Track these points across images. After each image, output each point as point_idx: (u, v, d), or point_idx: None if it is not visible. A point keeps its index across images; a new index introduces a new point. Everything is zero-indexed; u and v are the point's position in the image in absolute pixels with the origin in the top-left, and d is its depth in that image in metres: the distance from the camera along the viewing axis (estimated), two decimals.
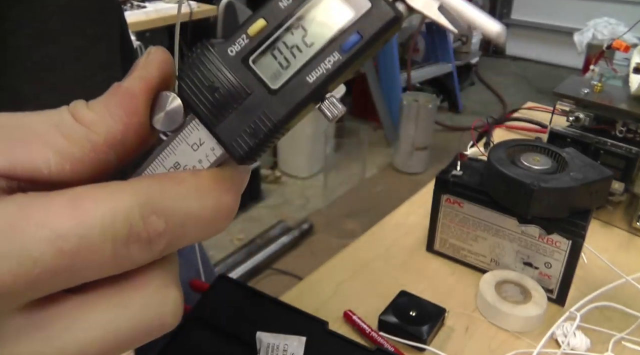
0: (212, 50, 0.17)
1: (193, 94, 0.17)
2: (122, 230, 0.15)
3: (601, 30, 1.46)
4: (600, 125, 0.77)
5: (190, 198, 0.17)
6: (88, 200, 0.15)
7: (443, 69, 3.17)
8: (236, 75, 0.17)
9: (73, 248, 0.15)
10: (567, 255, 0.61)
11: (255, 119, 0.17)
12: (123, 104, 0.17)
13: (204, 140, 0.18)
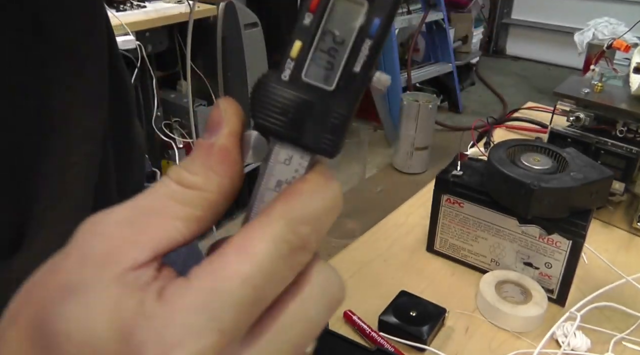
0: (270, 83, 0.20)
1: (271, 123, 0.20)
2: (285, 250, 0.18)
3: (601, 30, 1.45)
4: (601, 125, 0.77)
5: (314, 199, 0.19)
6: (250, 245, 0.18)
7: (443, 68, 3.17)
8: (297, 93, 0.20)
9: (261, 281, 0.18)
10: (567, 256, 0.61)
11: (329, 119, 0.20)
12: (224, 160, 0.20)
13: (291, 154, 0.21)
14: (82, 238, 0.18)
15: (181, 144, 1.97)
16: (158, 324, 0.17)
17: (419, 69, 3.15)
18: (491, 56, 4.31)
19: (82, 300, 0.17)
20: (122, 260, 0.18)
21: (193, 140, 1.99)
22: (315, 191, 0.19)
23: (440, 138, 2.82)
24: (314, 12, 0.19)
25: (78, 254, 0.18)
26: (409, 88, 2.94)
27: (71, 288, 0.17)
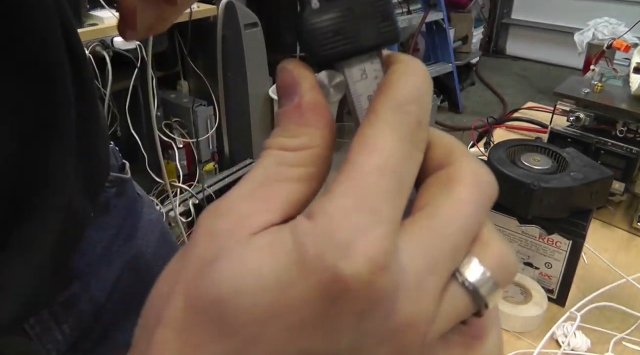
0: (308, 19, 0.20)
1: (333, 50, 0.20)
2: (404, 131, 0.18)
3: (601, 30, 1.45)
4: (601, 125, 0.77)
5: (407, 80, 0.19)
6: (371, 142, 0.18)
7: (443, 68, 3.17)
8: (335, 9, 0.20)
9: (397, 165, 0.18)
10: (567, 256, 0.61)
11: (373, 10, 0.20)
12: (318, 113, 0.20)
13: (363, 66, 0.21)
14: (206, 221, 0.18)
15: (181, 144, 1.97)
16: (324, 235, 0.16)
17: None
18: (491, 56, 4.30)
19: (232, 256, 0.17)
20: (253, 225, 0.17)
21: (193, 140, 1.99)
22: (403, 73, 0.20)
23: None
24: None
25: (206, 233, 0.18)
26: None
27: (212, 257, 0.17)
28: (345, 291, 0.16)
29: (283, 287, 0.16)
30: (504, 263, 0.19)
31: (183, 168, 1.98)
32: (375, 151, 0.18)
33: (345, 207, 0.17)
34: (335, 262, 0.16)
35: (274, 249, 0.16)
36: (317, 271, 0.16)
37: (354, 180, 0.17)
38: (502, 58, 4.31)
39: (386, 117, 0.18)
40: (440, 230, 0.18)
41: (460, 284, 0.18)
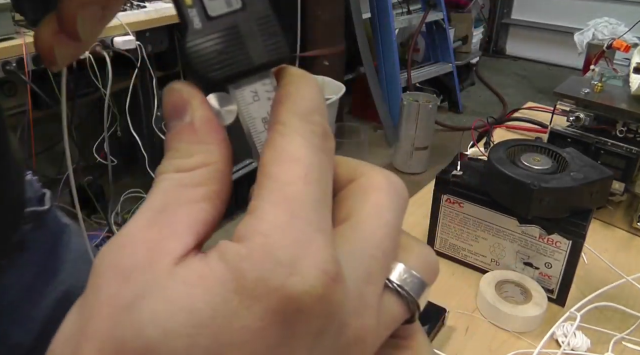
0: (191, 41, 0.19)
1: (219, 71, 0.19)
2: (316, 140, 0.18)
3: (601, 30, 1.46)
4: (601, 125, 0.77)
5: (304, 90, 0.19)
6: (287, 151, 0.17)
7: (443, 68, 3.17)
8: (218, 29, 0.19)
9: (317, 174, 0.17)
10: (567, 256, 0.61)
11: (258, 28, 0.20)
12: (211, 128, 0.19)
13: (254, 87, 0.20)
14: (106, 260, 0.16)
15: None
16: (263, 255, 0.15)
17: (419, 69, 3.15)
18: (491, 56, 4.30)
19: (153, 294, 0.15)
20: (168, 253, 0.16)
21: None
22: (298, 84, 0.19)
23: (440, 138, 2.83)
24: None
25: (110, 273, 0.16)
26: (409, 88, 2.94)
27: (128, 299, 0.15)
28: (298, 311, 0.15)
29: (224, 320, 0.14)
30: (427, 263, 0.19)
31: None
32: (294, 161, 0.17)
33: (278, 222, 0.16)
34: (283, 282, 0.15)
35: (203, 279, 0.15)
36: (263, 296, 0.14)
37: (279, 192, 0.16)
38: (502, 58, 4.31)
39: (295, 127, 0.18)
40: (370, 240, 0.18)
41: (392, 290, 0.18)
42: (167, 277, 0.15)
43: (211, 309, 0.14)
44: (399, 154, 2.63)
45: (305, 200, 0.16)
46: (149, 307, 0.15)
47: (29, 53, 1.36)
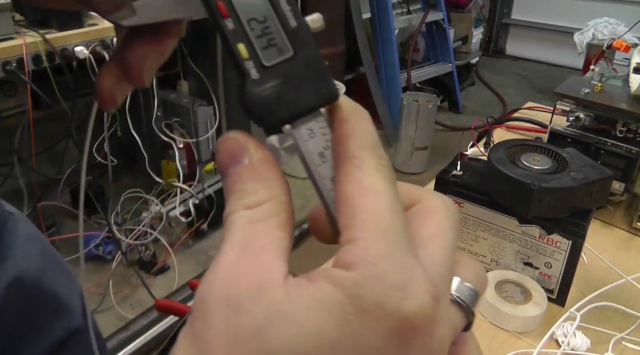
0: (249, 91, 0.21)
1: (278, 117, 0.21)
2: (387, 172, 0.20)
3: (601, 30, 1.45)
4: (601, 125, 0.77)
5: (364, 126, 0.21)
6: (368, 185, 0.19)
7: (443, 68, 3.17)
8: (274, 78, 0.21)
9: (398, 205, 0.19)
10: (567, 256, 0.61)
11: (310, 72, 0.21)
12: (270, 166, 0.21)
13: (309, 125, 0.22)
14: (211, 294, 0.17)
15: (181, 144, 1.97)
16: (376, 282, 0.17)
17: (419, 69, 3.15)
18: (491, 56, 4.30)
19: (279, 320, 0.16)
20: (272, 279, 0.17)
21: (193, 140, 1.99)
22: (358, 119, 0.21)
23: (440, 138, 2.82)
24: (228, 15, 0.21)
25: (221, 305, 0.17)
26: (409, 88, 2.94)
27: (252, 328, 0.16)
28: (413, 329, 0.17)
29: (351, 341, 0.16)
30: (478, 275, 0.22)
31: (183, 168, 1.98)
32: (378, 194, 0.19)
33: (381, 251, 0.17)
34: (398, 304, 0.17)
35: (322, 303, 0.16)
36: (383, 318, 0.16)
37: (374, 224, 0.18)
38: (502, 58, 4.31)
39: (369, 161, 0.20)
40: (437, 258, 0.19)
41: (454, 301, 0.20)
42: (284, 302, 0.16)
43: (338, 331, 0.16)
44: (399, 154, 2.63)
45: (396, 230, 0.18)
46: (277, 333, 0.16)
47: (29, 53, 1.36)
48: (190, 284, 0.60)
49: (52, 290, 0.47)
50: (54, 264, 0.48)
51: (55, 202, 1.77)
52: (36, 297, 0.45)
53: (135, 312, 1.60)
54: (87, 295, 1.44)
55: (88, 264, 1.78)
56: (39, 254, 0.47)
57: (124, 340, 1.43)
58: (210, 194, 1.90)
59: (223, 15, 0.21)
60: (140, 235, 1.78)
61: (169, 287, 1.71)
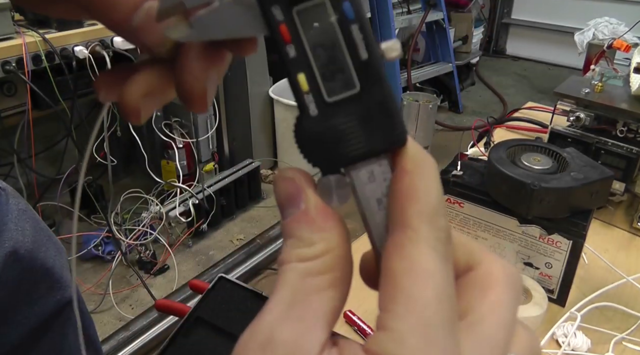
0: (306, 128, 0.19)
1: (336, 159, 0.19)
2: (441, 249, 0.18)
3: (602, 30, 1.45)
4: (601, 125, 0.77)
5: (428, 186, 0.19)
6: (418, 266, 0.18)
7: (443, 68, 3.16)
8: (334, 116, 0.19)
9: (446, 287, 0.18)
10: (567, 256, 0.61)
11: (377, 113, 0.19)
12: (327, 216, 0.19)
13: (370, 169, 0.20)
14: (248, 347, 0.18)
15: (181, 144, 1.97)
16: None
17: (419, 68, 3.15)
18: (491, 56, 4.30)
19: None
20: (306, 352, 0.17)
21: (193, 140, 1.99)
22: (422, 176, 0.19)
23: (440, 138, 2.82)
24: (291, 41, 0.19)
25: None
26: (409, 88, 2.94)
27: None
28: None
29: None
30: (533, 348, 0.20)
31: (183, 168, 1.98)
32: (427, 277, 0.18)
33: (417, 348, 0.17)
34: None
35: None
36: None
37: (415, 315, 0.17)
38: (502, 58, 4.31)
39: (425, 236, 0.18)
40: (491, 340, 0.19)
41: None
42: None
43: None
44: None
45: (440, 324, 0.17)
46: None
47: (29, 53, 1.36)
48: (190, 284, 0.60)
49: (45, 263, 0.47)
50: (46, 239, 0.49)
51: (55, 202, 1.77)
52: (31, 271, 0.46)
53: (135, 312, 1.59)
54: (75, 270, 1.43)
55: (88, 264, 1.78)
56: (32, 228, 0.47)
57: (124, 340, 1.43)
58: (210, 194, 1.90)
59: (285, 40, 0.19)
60: (140, 235, 1.78)
61: (169, 287, 1.71)
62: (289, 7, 0.18)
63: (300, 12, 0.18)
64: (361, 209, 0.20)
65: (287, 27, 0.18)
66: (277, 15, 0.18)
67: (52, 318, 0.48)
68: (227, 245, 1.94)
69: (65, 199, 1.84)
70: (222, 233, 2.01)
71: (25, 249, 0.45)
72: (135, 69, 0.21)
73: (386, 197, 0.20)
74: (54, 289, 0.48)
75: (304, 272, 0.18)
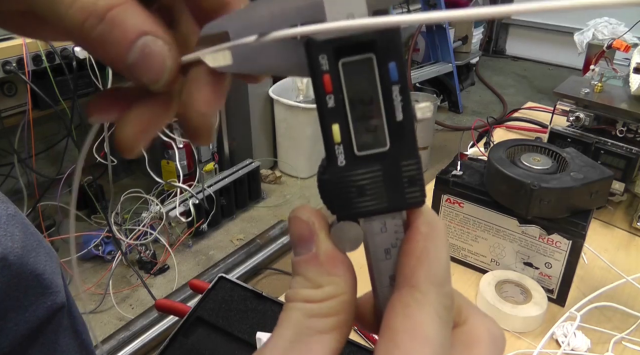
0: (333, 176, 0.19)
1: (356, 209, 0.20)
2: (445, 315, 0.19)
3: (601, 30, 1.45)
4: (601, 125, 0.77)
5: (440, 253, 0.20)
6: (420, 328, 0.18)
7: (443, 68, 3.16)
8: (361, 170, 0.19)
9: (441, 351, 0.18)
10: (567, 256, 0.61)
11: (402, 174, 0.20)
12: (337, 261, 0.20)
13: (384, 221, 0.20)
14: None
15: (181, 144, 1.97)
16: None
17: (419, 69, 3.15)
18: (491, 56, 4.30)
19: None
20: None
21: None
22: (434, 240, 0.20)
23: (440, 138, 2.82)
24: (332, 92, 0.19)
25: None
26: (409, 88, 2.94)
27: None
28: None
29: None
30: None
31: (183, 168, 1.98)
32: (426, 341, 0.18)
33: None
34: None
35: None
36: None
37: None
38: (502, 58, 4.31)
39: (431, 300, 0.19)
40: None
41: None
42: None
43: None
44: None
45: None
46: None
47: (29, 53, 1.36)
48: (190, 284, 0.60)
49: (35, 269, 0.47)
50: (36, 243, 0.49)
51: (55, 202, 1.77)
52: (20, 277, 0.45)
53: (135, 312, 1.60)
54: (67, 274, 1.43)
55: (88, 264, 1.78)
56: (22, 233, 0.47)
57: (124, 340, 1.43)
58: (210, 194, 1.90)
59: (327, 91, 0.19)
60: (140, 235, 1.78)
61: (169, 287, 1.71)
62: (336, 58, 0.18)
63: (346, 64, 0.18)
64: (368, 256, 0.21)
65: (331, 77, 0.18)
66: (322, 64, 0.18)
67: (44, 324, 0.48)
68: (227, 245, 1.94)
69: (66, 199, 1.84)
70: (222, 233, 2.01)
71: (14, 254, 0.45)
72: (127, 97, 0.21)
73: (395, 248, 0.20)
74: (44, 295, 0.48)
75: (308, 313, 0.19)
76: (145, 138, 0.21)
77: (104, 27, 0.18)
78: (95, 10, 0.18)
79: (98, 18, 0.18)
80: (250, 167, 2.09)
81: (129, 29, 0.19)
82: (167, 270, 1.79)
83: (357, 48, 0.18)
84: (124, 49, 0.19)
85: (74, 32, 0.19)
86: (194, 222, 1.86)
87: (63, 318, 0.50)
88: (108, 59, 0.19)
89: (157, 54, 0.19)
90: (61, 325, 0.50)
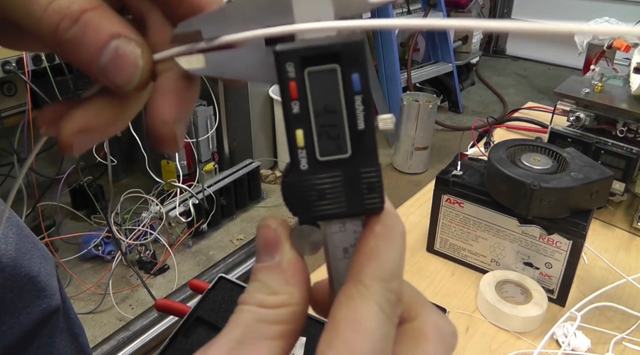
0: (294, 179, 0.20)
1: (315, 212, 0.20)
2: (389, 310, 0.19)
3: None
4: (601, 125, 0.77)
5: (392, 251, 0.20)
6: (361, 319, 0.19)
7: (443, 68, 3.16)
8: (322, 174, 0.20)
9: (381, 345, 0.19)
10: (567, 256, 0.61)
11: (361, 181, 0.20)
12: (297, 272, 0.20)
13: (343, 221, 0.21)
14: None
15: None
16: None
17: (419, 68, 3.15)
18: (491, 56, 4.30)
19: None
20: None
21: (193, 140, 1.99)
22: (388, 240, 0.20)
23: (440, 138, 2.82)
24: (297, 98, 0.19)
25: None
26: (409, 88, 2.94)
27: None
28: None
29: None
30: None
31: (183, 168, 1.98)
32: (367, 333, 0.18)
33: None
34: None
35: None
36: None
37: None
38: (502, 58, 4.31)
39: (375, 294, 0.19)
40: None
41: None
42: None
43: None
44: (399, 154, 2.63)
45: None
46: None
47: (29, 53, 1.36)
48: (190, 284, 0.60)
49: (30, 272, 0.47)
50: (30, 246, 0.48)
51: (55, 202, 1.77)
52: (14, 280, 0.45)
53: (135, 312, 1.59)
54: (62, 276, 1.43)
55: (88, 264, 1.78)
56: (16, 235, 0.47)
57: (124, 340, 1.43)
58: (210, 194, 1.90)
59: (292, 97, 0.19)
60: (140, 235, 1.78)
61: (169, 287, 1.71)
62: (302, 67, 0.19)
63: (311, 73, 0.19)
64: (327, 254, 0.22)
65: (297, 84, 0.19)
66: (289, 71, 0.19)
67: (39, 327, 0.47)
68: (227, 245, 1.94)
69: (65, 199, 1.84)
70: (222, 233, 2.01)
71: (8, 257, 0.45)
72: (77, 105, 0.21)
73: (352, 248, 0.21)
74: (39, 297, 0.48)
75: (259, 318, 0.19)
76: (87, 139, 0.21)
77: (77, 29, 0.19)
78: (70, 13, 0.18)
79: (72, 20, 0.19)
80: (251, 167, 2.09)
81: (102, 31, 0.19)
82: (167, 271, 1.79)
83: (323, 58, 0.19)
84: (97, 51, 0.19)
85: (48, 35, 0.19)
86: (194, 222, 1.86)
87: (59, 321, 0.50)
88: (81, 61, 0.20)
89: (130, 55, 0.19)
90: (57, 328, 0.50)
